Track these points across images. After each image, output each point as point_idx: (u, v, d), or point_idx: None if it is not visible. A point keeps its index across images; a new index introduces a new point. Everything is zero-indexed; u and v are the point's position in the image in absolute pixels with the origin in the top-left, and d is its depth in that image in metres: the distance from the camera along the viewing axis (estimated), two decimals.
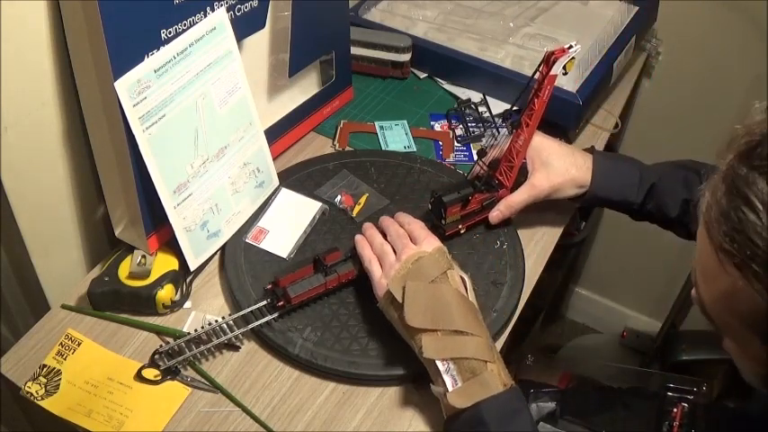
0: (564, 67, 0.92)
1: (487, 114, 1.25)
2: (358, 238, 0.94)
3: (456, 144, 1.22)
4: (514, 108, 1.01)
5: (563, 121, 1.23)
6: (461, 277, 0.87)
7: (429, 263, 0.85)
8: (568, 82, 1.22)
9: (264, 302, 0.91)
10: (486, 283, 0.98)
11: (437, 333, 0.81)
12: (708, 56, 1.48)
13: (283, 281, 0.91)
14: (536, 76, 0.94)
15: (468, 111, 1.27)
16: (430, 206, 1.02)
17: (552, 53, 0.91)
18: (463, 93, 1.30)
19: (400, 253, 0.88)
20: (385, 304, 0.86)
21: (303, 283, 0.91)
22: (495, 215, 1.03)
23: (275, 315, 0.90)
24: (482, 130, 1.22)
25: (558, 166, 1.00)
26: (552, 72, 0.92)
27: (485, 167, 1.02)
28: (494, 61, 1.27)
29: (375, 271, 0.89)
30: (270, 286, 0.92)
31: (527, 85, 0.96)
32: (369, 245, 0.93)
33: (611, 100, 1.35)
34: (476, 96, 1.29)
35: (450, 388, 0.78)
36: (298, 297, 0.90)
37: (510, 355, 1.47)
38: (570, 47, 0.91)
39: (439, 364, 0.79)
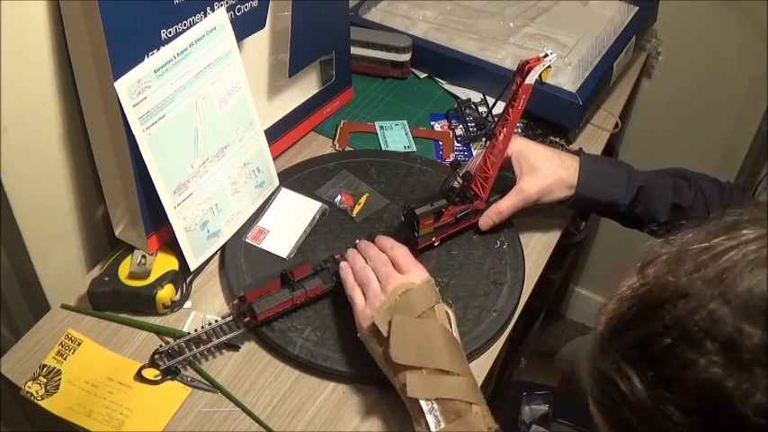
0: (539, 77, 0.89)
1: (485, 114, 1.25)
2: (342, 264, 0.90)
3: (456, 144, 1.22)
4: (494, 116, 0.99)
5: (563, 121, 1.23)
6: (447, 312, 0.84)
7: (417, 296, 0.81)
8: (568, 82, 1.22)
9: (230, 318, 0.90)
10: (486, 283, 0.98)
11: (422, 371, 0.77)
12: (708, 56, 1.48)
13: (250, 296, 0.89)
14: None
15: (468, 111, 1.27)
16: (402, 218, 1.00)
17: (526, 62, 0.88)
18: (463, 93, 1.30)
19: (385, 282, 0.83)
20: (367, 336, 0.82)
21: (269, 299, 0.89)
22: (485, 222, 1.02)
23: (241, 331, 0.90)
24: (481, 131, 1.22)
25: (545, 168, 0.99)
26: (527, 82, 0.89)
27: (459, 179, 1.00)
28: (494, 61, 1.27)
29: (358, 300, 0.85)
30: (236, 301, 0.90)
31: (502, 92, 0.94)
32: (351, 271, 0.89)
33: (611, 100, 1.35)
34: (476, 96, 1.29)
35: (432, 429, 0.75)
36: (263, 313, 0.88)
37: (510, 356, 1.47)
38: (546, 55, 0.88)
39: (423, 403, 0.76)
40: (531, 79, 0.89)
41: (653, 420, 0.49)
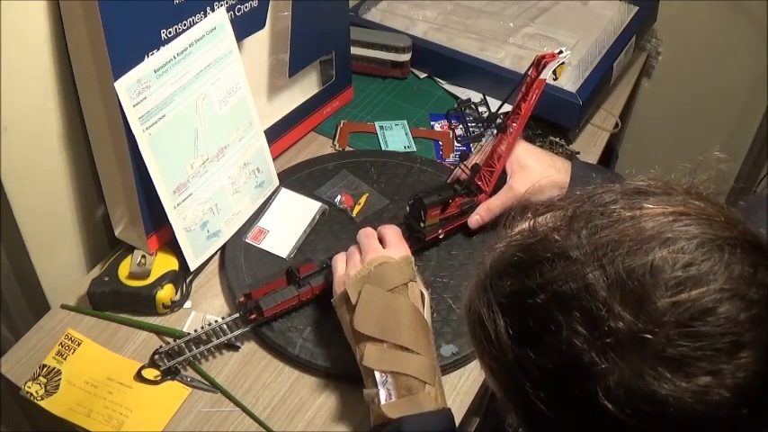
0: (554, 72, 0.90)
1: (487, 114, 1.25)
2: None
3: (456, 144, 1.22)
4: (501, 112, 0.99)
5: (563, 121, 1.23)
6: (422, 292, 0.84)
7: (392, 270, 0.81)
8: (568, 82, 1.22)
9: (236, 315, 0.90)
10: None
11: (383, 344, 0.78)
12: (708, 56, 1.48)
13: (256, 293, 0.89)
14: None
15: (468, 111, 1.27)
16: (408, 209, 0.99)
17: (543, 57, 0.89)
18: (463, 93, 1.30)
19: (365, 253, 0.84)
20: (339, 303, 0.83)
21: (275, 296, 0.89)
22: (475, 220, 1.01)
23: (247, 328, 0.90)
24: (482, 130, 1.22)
25: (536, 168, 0.99)
26: (541, 76, 0.90)
27: (466, 171, 1.00)
28: (494, 61, 1.27)
29: (339, 267, 0.86)
30: (242, 298, 0.90)
31: (516, 86, 0.94)
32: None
33: (611, 100, 1.35)
34: (476, 96, 1.29)
35: (382, 401, 0.76)
36: (270, 310, 0.88)
37: None
38: (561, 51, 0.88)
39: (377, 375, 0.77)
40: (545, 74, 0.90)
41: (511, 371, 0.49)
